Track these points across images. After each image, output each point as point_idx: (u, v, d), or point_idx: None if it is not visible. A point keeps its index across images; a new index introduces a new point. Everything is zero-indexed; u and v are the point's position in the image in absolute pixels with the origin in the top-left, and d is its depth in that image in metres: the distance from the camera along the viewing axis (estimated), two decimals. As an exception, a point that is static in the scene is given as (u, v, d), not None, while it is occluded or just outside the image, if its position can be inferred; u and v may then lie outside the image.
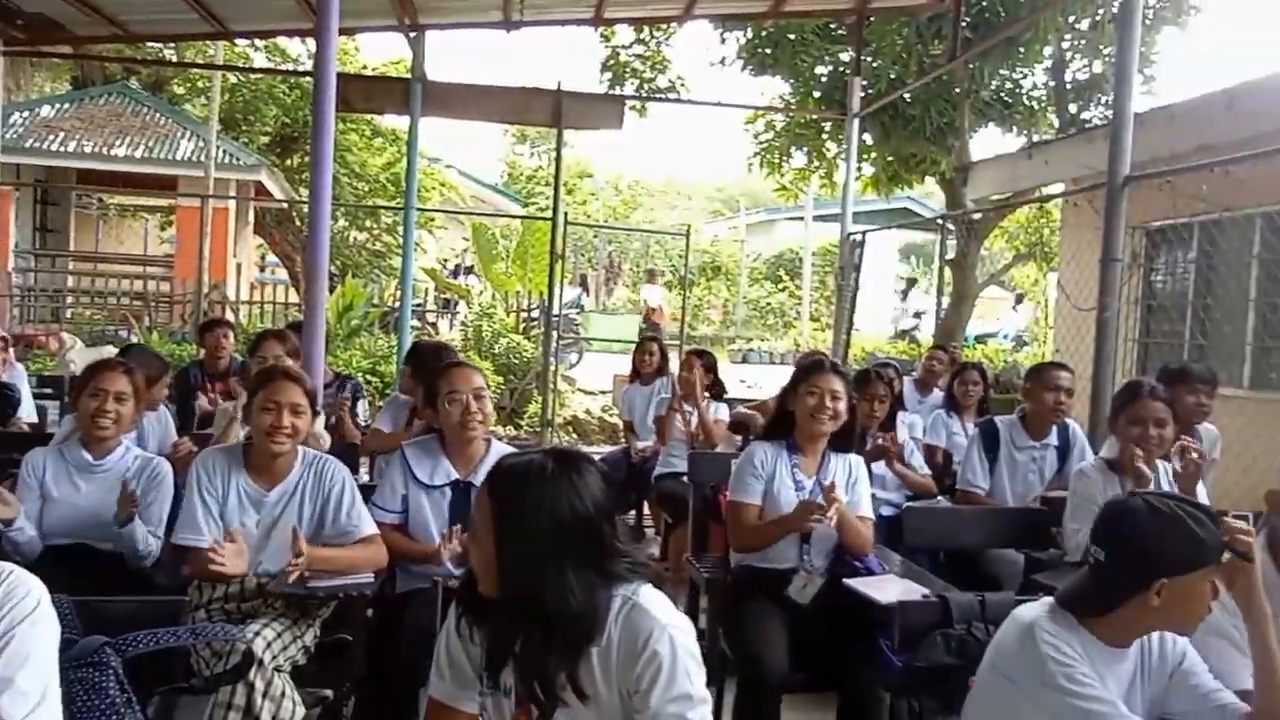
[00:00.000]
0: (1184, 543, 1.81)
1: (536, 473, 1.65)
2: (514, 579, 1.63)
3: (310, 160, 4.60)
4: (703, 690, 1.66)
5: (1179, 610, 1.84)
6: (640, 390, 6.46)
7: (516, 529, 1.63)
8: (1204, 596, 1.84)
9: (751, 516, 3.14)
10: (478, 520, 1.69)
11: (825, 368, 3.18)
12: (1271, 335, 7.44)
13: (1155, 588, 1.81)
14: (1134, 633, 1.91)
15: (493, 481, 1.69)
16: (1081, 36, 11.04)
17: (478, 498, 1.71)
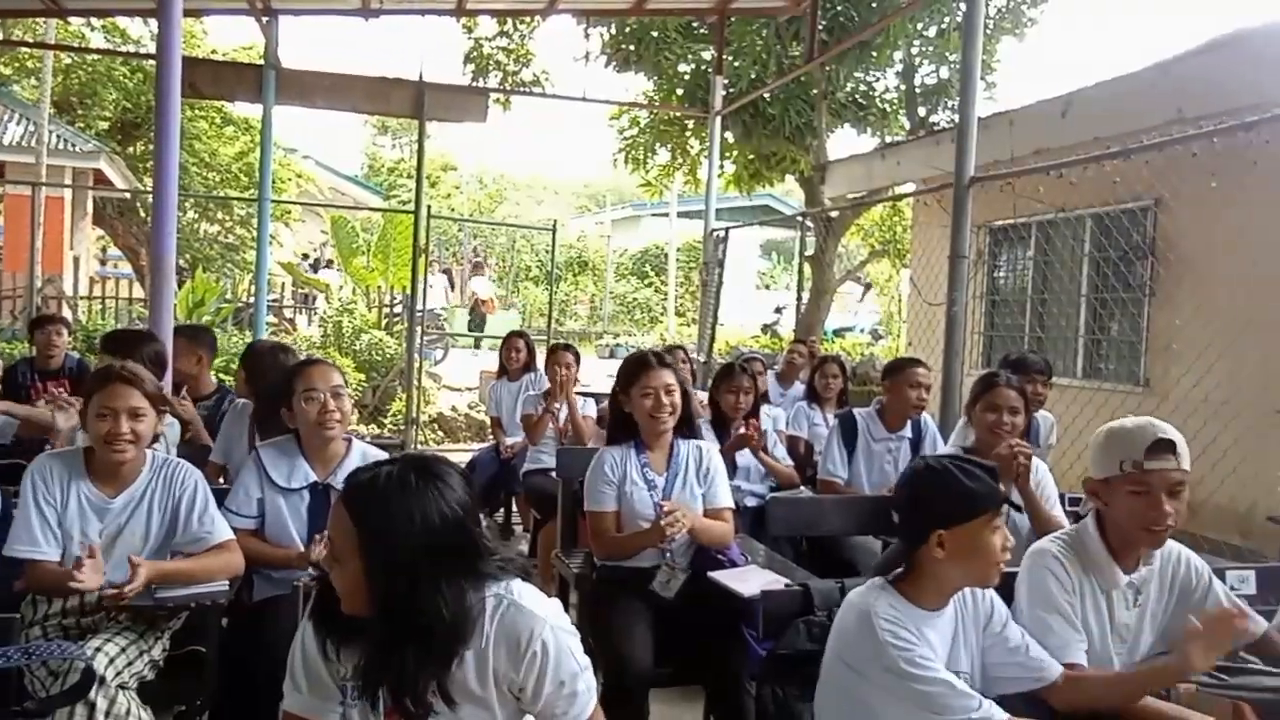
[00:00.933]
0: (957, 494, 1.93)
1: (399, 486, 1.59)
2: (388, 597, 1.58)
3: (154, 148, 4.37)
4: (584, 658, 1.72)
5: (966, 561, 1.94)
6: (508, 386, 6.40)
7: (387, 546, 1.57)
8: (989, 546, 1.93)
9: (609, 524, 3.13)
10: (337, 540, 1.60)
11: (652, 364, 3.15)
12: (1101, 328, 7.96)
13: (934, 539, 1.93)
14: (938, 590, 2.00)
15: (352, 499, 1.59)
16: (929, 43, 11.52)
17: (334, 517, 1.62)
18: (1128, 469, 2.16)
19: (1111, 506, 2.22)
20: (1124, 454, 2.17)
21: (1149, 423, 2.22)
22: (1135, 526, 2.18)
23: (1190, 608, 2.31)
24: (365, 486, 1.59)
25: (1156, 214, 7.18)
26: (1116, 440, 2.21)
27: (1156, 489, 2.14)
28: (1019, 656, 2.09)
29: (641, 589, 2.99)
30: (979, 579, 2.00)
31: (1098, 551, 2.26)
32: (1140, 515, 2.15)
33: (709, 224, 9.92)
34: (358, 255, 14.22)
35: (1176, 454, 2.15)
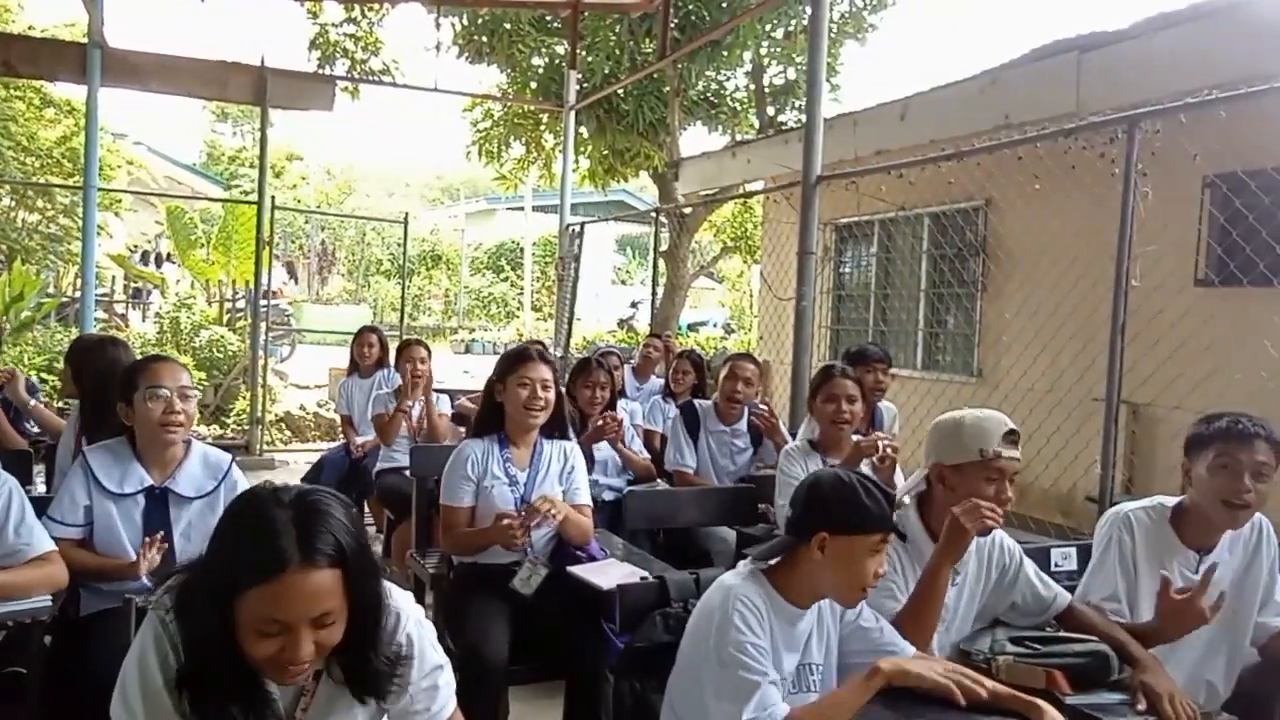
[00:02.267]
0: (850, 506, 2.00)
1: (351, 517, 1.52)
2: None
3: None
4: (443, 655, 1.73)
5: (839, 571, 2.00)
6: (359, 383, 6.23)
7: (365, 583, 1.52)
8: (863, 566, 1.98)
9: (462, 520, 3.09)
10: (318, 600, 1.44)
11: (533, 357, 3.13)
12: (938, 322, 8.38)
13: (817, 541, 1.99)
14: (807, 590, 2.06)
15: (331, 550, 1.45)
16: (777, 44, 11.83)
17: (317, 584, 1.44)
18: (987, 456, 2.30)
19: (956, 491, 2.34)
20: (982, 442, 2.31)
21: (997, 415, 2.37)
22: (970, 508, 2.30)
23: (1003, 588, 2.47)
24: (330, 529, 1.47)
25: (987, 213, 7.60)
26: (974, 429, 2.34)
27: (1004, 476, 2.31)
28: (874, 639, 2.16)
29: (500, 586, 2.97)
30: (844, 594, 2.05)
31: (919, 535, 2.40)
32: (988, 500, 2.29)
33: (564, 219, 9.92)
34: (196, 247, 13.53)
35: (1017, 443, 2.34)
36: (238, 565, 1.43)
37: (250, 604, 1.42)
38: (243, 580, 1.42)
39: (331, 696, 1.63)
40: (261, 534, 1.44)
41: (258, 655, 1.44)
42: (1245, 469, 2.39)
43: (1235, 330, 5.19)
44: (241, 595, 1.42)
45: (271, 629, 1.42)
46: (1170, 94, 4.56)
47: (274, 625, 1.42)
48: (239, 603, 1.42)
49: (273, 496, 1.49)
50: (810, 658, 2.11)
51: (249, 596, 1.41)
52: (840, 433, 3.51)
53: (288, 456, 9.04)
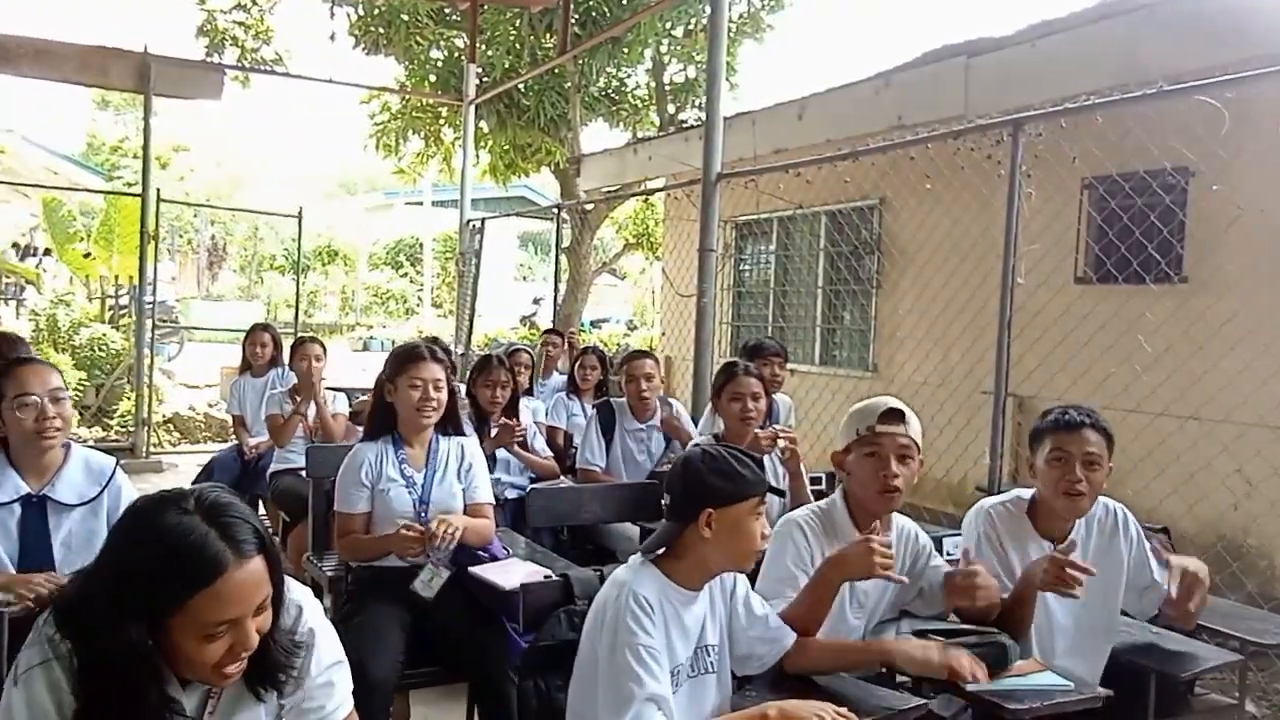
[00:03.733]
0: (726, 477, 2.05)
1: (255, 514, 1.51)
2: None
3: None
4: (341, 653, 1.73)
5: (729, 541, 2.04)
6: (252, 383, 6.04)
7: (278, 569, 1.52)
8: (750, 530, 2.06)
9: (357, 526, 3.03)
10: (258, 589, 1.46)
11: (424, 356, 3.08)
12: (835, 318, 8.57)
13: (704, 518, 2.03)
14: (700, 571, 2.10)
15: (254, 538, 1.46)
16: (677, 42, 11.92)
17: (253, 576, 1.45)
18: (863, 432, 2.42)
19: (852, 474, 2.47)
20: (861, 422, 2.45)
21: (883, 397, 2.50)
22: (871, 489, 2.42)
23: (914, 576, 2.54)
24: (239, 526, 1.46)
25: (882, 212, 7.81)
26: (855, 414, 2.49)
27: (886, 450, 2.40)
28: (760, 627, 2.21)
29: (400, 589, 2.91)
30: (738, 561, 2.11)
31: (844, 523, 2.48)
32: (873, 476, 2.40)
33: (464, 214, 9.81)
34: (75, 241, 12.91)
35: (905, 423, 2.43)
36: (170, 581, 1.40)
37: (194, 613, 1.40)
38: (181, 595, 1.39)
39: (235, 697, 1.59)
40: (187, 544, 1.41)
41: (207, 660, 1.43)
42: (1076, 459, 2.51)
43: (1112, 326, 5.44)
44: (181, 608, 1.39)
45: (220, 631, 1.42)
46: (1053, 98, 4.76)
47: (222, 626, 1.43)
48: (178, 616, 1.40)
49: (173, 505, 1.45)
50: (706, 640, 2.14)
51: (191, 607, 1.39)
52: (745, 429, 3.56)
53: (176, 459, 8.71)
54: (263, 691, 1.60)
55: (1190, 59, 4.85)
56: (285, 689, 1.62)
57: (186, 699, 1.54)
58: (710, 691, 2.13)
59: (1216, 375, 5.06)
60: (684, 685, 2.06)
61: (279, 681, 1.59)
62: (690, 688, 2.08)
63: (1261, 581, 4.74)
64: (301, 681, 1.63)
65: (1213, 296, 5.39)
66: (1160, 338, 5.29)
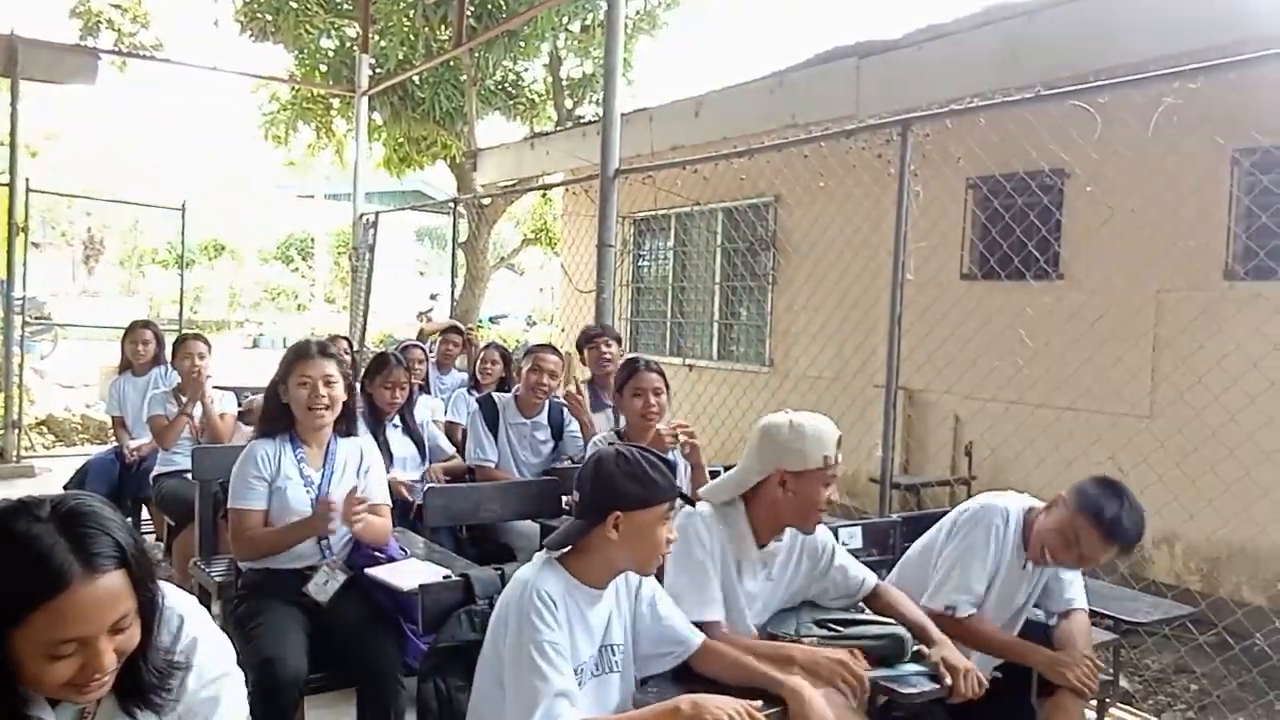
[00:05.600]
0: (638, 482, 2.04)
1: (119, 516, 1.42)
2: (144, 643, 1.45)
3: None
4: (231, 664, 1.63)
5: (635, 545, 2.05)
6: (133, 382, 5.78)
7: (145, 584, 1.41)
8: (657, 536, 2.06)
9: (254, 523, 2.94)
10: (113, 606, 1.35)
11: (313, 354, 3.00)
12: (732, 314, 8.68)
13: (612, 520, 2.02)
14: (605, 569, 2.10)
15: (112, 551, 1.34)
16: (574, 37, 11.89)
17: (90, 590, 1.32)
18: (829, 463, 2.40)
19: (797, 496, 2.42)
20: (824, 449, 2.41)
21: (827, 421, 2.48)
22: (808, 512, 2.43)
23: (813, 576, 2.59)
24: (126, 540, 1.37)
25: (777, 209, 7.94)
26: (816, 439, 2.42)
27: (833, 480, 2.43)
28: (664, 626, 2.21)
29: (294, 593, 2.84)
30: (641, 564, 2.11)
31: (744, 528, 2.47)
32: (816, 502, 2.40)
33: (357, 208, 9.59)
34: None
35: None
36: (11, 593, 1.30)
37: (34, 630, 1.29)
38: (20, 609, 1.29)
39: (112, 713, 1.51)
40: (29, 555, 1.30)
41: (53, 680, 1.33)
42: None
43: (995, 321, 5.66)
44: (21, 625, 1.29)
45: (66, 650, 1.31)
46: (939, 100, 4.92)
47: (68, 645, 1.31)
48: (18, 633, 1.29)
49: (25, 512, 1.35)
50: (611, 639, 2.14)
51: (31, 624, 1.29)
52: (648, 425, 3.57)
53: (50, 463, 8.28)
54: (137, 712, 1.51)
55: (1066, 65, 5.07)
56: (162, 709, 1.52)
57: (59, 714, 1.46)
58: (614, 690, 2.13)
59: (1090, 368, 5.32)
60: (588, 684, 2.06)
61: (152, 702, 1.50)
62: (594, 686, 2.08)
63: (1134, 564, 5.00)
64: (180, 698, 1.54)
65: (1087, 293, 5.66)
66: (1040, 332, 5.53)
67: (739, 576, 2.46)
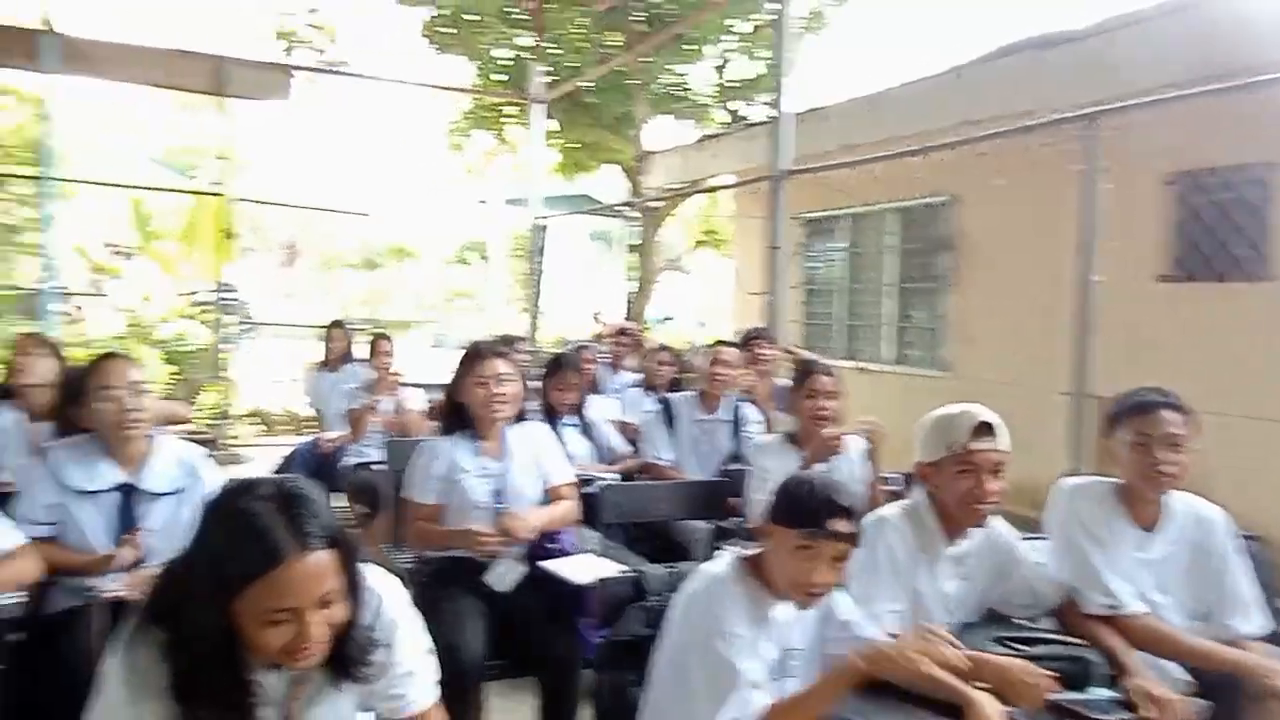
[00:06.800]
0: (788, 498, 2.03)
1: (328, 501, 1.55)
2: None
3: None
4: (427, 642, 1.78)
5: (779, 562, 2.01)
6: (327, 377, 6.19)
7: (353, 563, 1.55)
8: (788, 562, 1.98)
9: (425, 515, 3.10)
10: (320, 582, 1.47)
11: (487, 354, 3.12)
12: (907, 316, 8.44)
13: (767, 527, 2.05)
14: (772, 579, 2.06)
15: (322, 532, 1.48)
16: (743, 39, 11.86)
17: (317, 567, 1.47)
18: (955, 450, 2.33)
19: (941, 488, 2.39)
20: (951, 437, 2.36)
21: (971, 408, 2.40)
22: (963, 504, 2.35)
23: (1005, 579, 2.50)
24: (334, 523, 1.52)
25: (954, 208, 7.68)
26: (944, 425, 2.39)
27: (980, 468, 2.32)
28: (844, 631, 2.18)
29: (475, 581, 2.97)
30: (789, 590, 2.03)
31: (931, 524, 2.43)
32: (967, 493, 2.33)
33: (532, 213, 9.90)
34: (158, 239, 13.34)
35: (996, 435, 2.35)
36: (235, 564, 1.44)
37: (255, 598, 1.44)
38: (243, 577, 1.43)
39: (319, 683, 1.65)
40: (252, 529, 1.45)
41: (269, 645, 1.47)
42: (1156, 442, 2.45)
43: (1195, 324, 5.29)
44: (243, 592, 1.43)
45: (280, 617, 1.45)
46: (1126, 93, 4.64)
47: (282, 614, 1.45)
48: (241, 599, 1.44)
49: (249, 491, 1.50)
50: (792, 643, 2.13)
51: (252, 591, 1.43)
52: (819, 428, 3.54)
53: (255, 451, 8.94)
54: (344, 683, 1.65)
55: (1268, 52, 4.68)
56: (365, 680, 1.66)
57: (271, 682, 1.60)
58: None
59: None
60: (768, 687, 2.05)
61: (356, 675, 1.63)
62: (773, 690, 2.08)
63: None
64: (383, 672, 1.67)
65: (1302, 294, 5.21)
66: (1246, 337, 5.13)
67: (933, 576, 2.41)
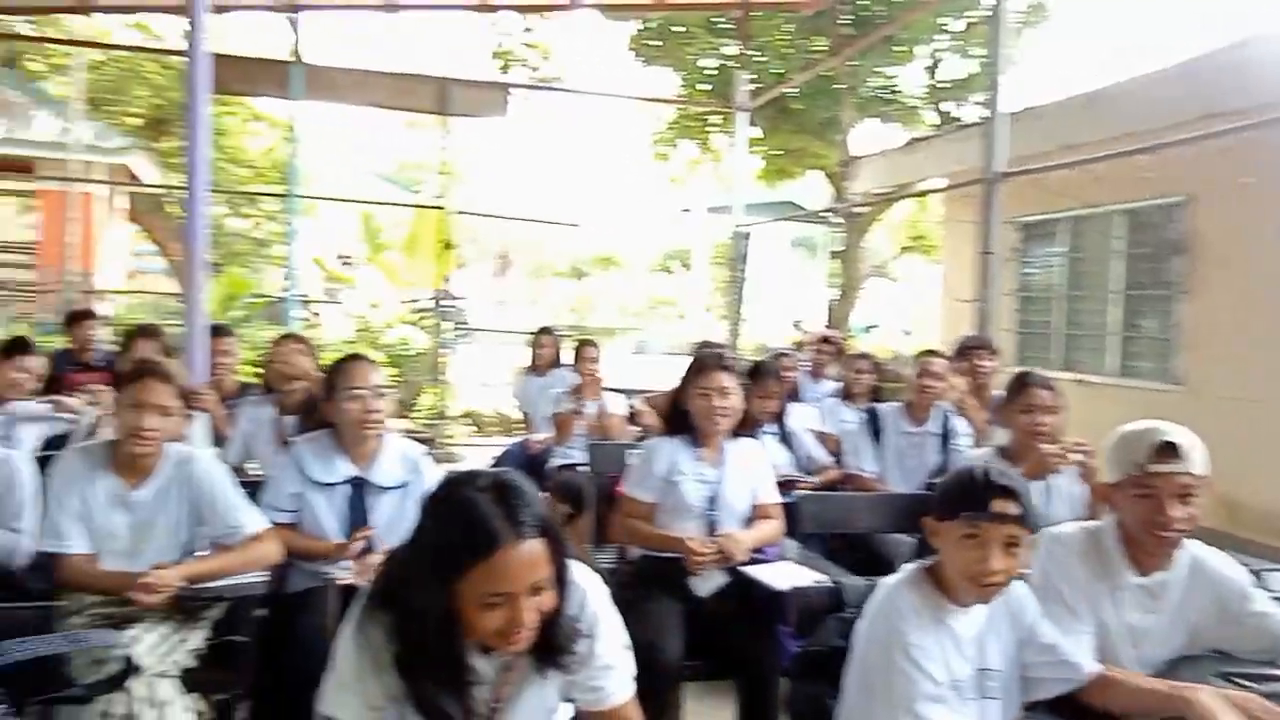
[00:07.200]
0: (951, 488, 1.99)
1: (538, 498, 1.63)
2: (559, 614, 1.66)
3: (186, 145, 4.33)
4: (625, 637, 1.83)
5: (947, 558, 1.98)
6: (535, 381, 6.43)
7: (561, 555, 1.63)
8: (955, 552, 1.95)
9: (639, 512, 3.17)
10: (533, 569, 1.56)
11: (713, 366, 3.18)
12: (1134, 325, 7.87)
13: (936, 528, 2.00)
14: (951, 582, 1.99)
15: (535, 522, 1.57)
16: (955, 37, 11.45)
17: (517, 552, 1.54)
18: (1135, 471, 2.16)
19: (1122, 510, 2.22)
20: (1130, 457, 2.18)
21: (1156, 426, 2.20)
22: (1143, 530, 2.17)
23: (1227, 614, 2.24)
24: (545, 514, 1.60)
25: (1189, 209, 7.10)
26: (1125, 444, 2.21)
27: (1162, 492, 2.12)
28: (1050, 655, 2.07)
29: (678, 582, 3.00)
30: (961, 585, 1.97)
31: (1114, 550, 2.25)
32: (1146, 519, 2.14)
33: (735, 220, 9.92)
34: (385, 250, 14.31)
35: (1183, 457, 2.13)
36: (456, 549, 1.55)
37: (473, 581, 1.53)
38: (462, 561, 1.53)
39: (525, 671, 1.74)
40: (471, 518, 1.55)
41: (485, 627, 1.56)
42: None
43: None
44: (463, 575, 1.54)
45: (495, 600, 1.54)
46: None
47: (497, 597, 1.54)
48: (461, 582, 1.54)
49: (468, 482, 1.61)
50: (988, 663, 2.04)
51: (470, 575, 1.53)
52: (1035, 444, 3.34)
53: (468, 451, 9.41)
54: (549, 671, 1.72)
55: None
56: (570, 668, 1.73)
57: (484, 666, 1.69)
58: (994, 717, 2.04)
59: None
60: (968, 706, 1.99)
61: (561, 664, 1.71)
62: (975, 710, 2.00)
63: None
64: (585, 663, 1.74)
65: None
66: None
67: (1116, 606, 2.24)
